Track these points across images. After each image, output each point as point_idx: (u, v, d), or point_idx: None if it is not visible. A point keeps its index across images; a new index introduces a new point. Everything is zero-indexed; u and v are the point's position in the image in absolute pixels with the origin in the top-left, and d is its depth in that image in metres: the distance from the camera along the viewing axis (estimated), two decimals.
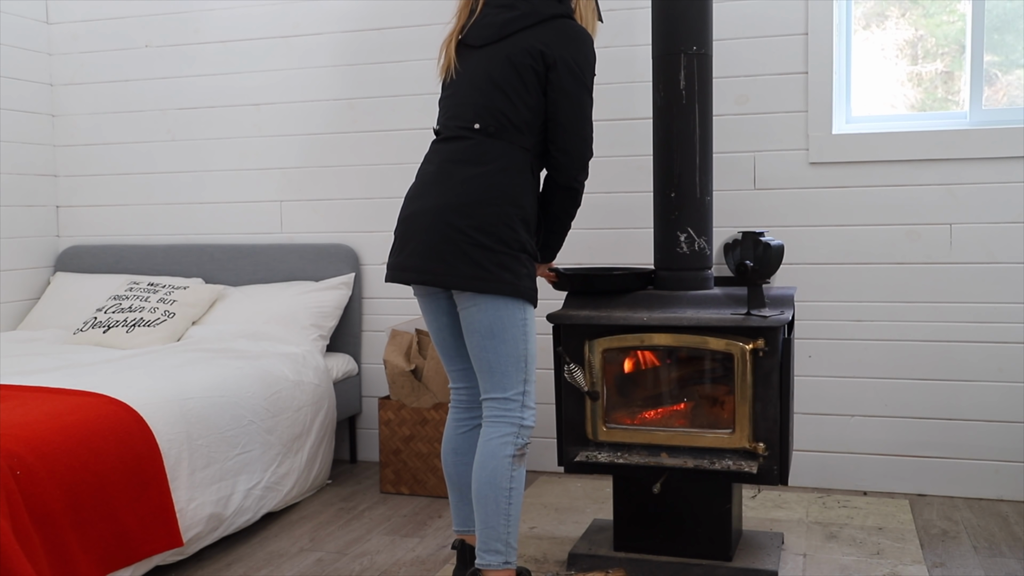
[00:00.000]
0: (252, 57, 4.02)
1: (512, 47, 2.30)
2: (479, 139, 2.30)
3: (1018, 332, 3.24)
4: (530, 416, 2.32)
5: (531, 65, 2.27)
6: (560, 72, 2.28)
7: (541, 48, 2.27)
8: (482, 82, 2.32)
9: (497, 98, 2.29)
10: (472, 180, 2.26)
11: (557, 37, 2.29)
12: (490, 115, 2.30)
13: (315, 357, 3.53)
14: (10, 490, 2.16)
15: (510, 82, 2.28)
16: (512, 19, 2.32)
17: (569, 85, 2.29)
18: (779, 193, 3.43)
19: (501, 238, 2.23)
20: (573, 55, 2.29)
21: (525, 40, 2.29)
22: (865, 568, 2.70)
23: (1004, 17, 3.32)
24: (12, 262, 4.13)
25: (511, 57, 2.29)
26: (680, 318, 2.52)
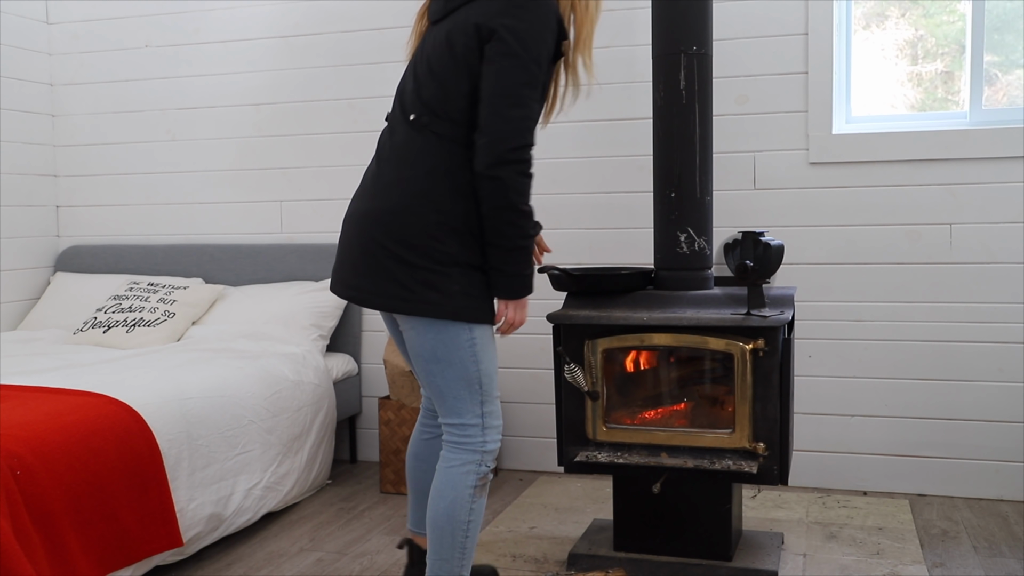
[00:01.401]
0: (252, 57, 4.02)
1: (452, 24, 2.04)
2: (411, 134, 2.07)
3: (1018, 332, 3.24)
4: (493, 439, 2.13)
5: (466, 43, 2.00)
6: (493, 42, 1.97)
7: (476, 21, 1.99)
8: (420, 66, 2.09)
9: (431, 85, 2.05)
10: (396, 184, 2.06)
11: (498, 5, 1.99)
12: (423, 105, 2.06)
13: (315, 357, 3.53)
14: (10, 490, 2.16)
15: (446, 66, 2.03)
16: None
17: (497, 55, 1.97)
18: (779, 193, 3.43)
19: (425, 252, 2.00)
20: (511, 23, 1.97)
21: (465, 14, 2.02)
22: (865, 568, 2.70)
23: (1004, 17, 3.32)
24: (12, 262, 4.13)
25: (449, 36, 2.03)
26: (680, 318, 2.52)
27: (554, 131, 3.65)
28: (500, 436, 2.17)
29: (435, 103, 2.05)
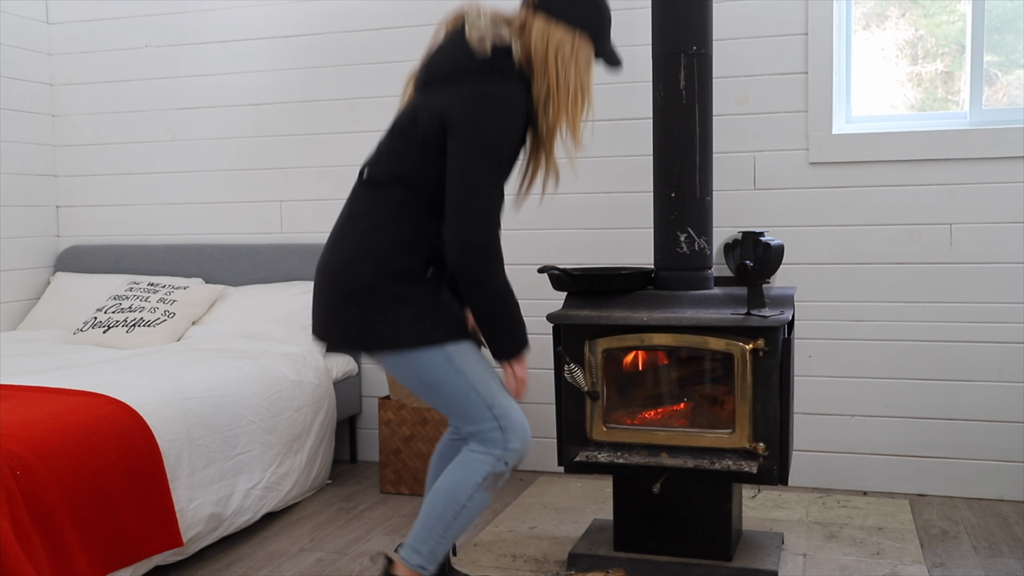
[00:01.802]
0: (252, 57, 4.02)
1: (424, 101, 2.11)
2: (362, 190, 2.17)
3: (1018, 332, 3.24)
4: (516, 437, 2.14)
5: (430, 125, 2.06)
6: (456, 132, 2.02)
7: (443, 108, 2.05)
8: (393, 129, 2.18)
9: (389, 149, 2.15)
10: (344, 238, 2.15)
11: (465, 96, 2.04)
12: (378, 165, 2.16)
13: (315, 357, 3.53)
14: (10, 490, 2.16)
15: (407, 137, 2.10)
16: (431, 68, 2.15)
17: (460, 145, 2.01)
18: (779, 193, 3.43)
19: (369, 297, 2.08)
20: (476, 116, 2.02)
21: (437, 97, 2.08)
22: (865, 568, 2.70)
23: (1004, 17, 3.32)
24: (12, 262, 4.13)
25: (417, 112, 2.10)
26: (680, 318, 2.52)
27: None
28: (526, 437, 2.17)
29: (389, 165, 2.13)
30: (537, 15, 2.11)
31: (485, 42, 2.07)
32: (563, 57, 2.10)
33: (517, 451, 2.16)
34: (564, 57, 2.10)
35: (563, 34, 2.10)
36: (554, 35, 2.10)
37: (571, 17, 2.10)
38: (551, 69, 2.09)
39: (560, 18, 2.10)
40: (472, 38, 2.08)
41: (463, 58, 2.09)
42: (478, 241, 2.02)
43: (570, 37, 2.11)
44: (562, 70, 2.10)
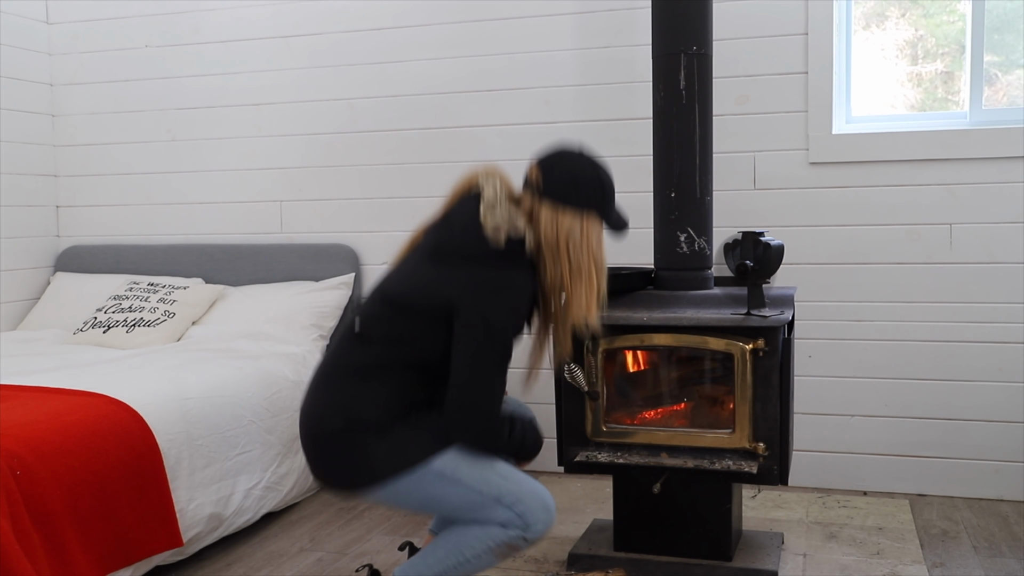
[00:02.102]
0: (252, 57, 4.02)
1: (431, 276, 2.08)
2: (356, 343, 2.12)
3: (1018, 332, 3.24)
4: (536, 519, 2.08)
5: (434, 306, 2.04)
6: (463, 321, 2.01)
7: (450, 294, 2.03)
8: (386, 288, 2.14)
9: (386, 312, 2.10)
10: (324, 388, 2.11)
11: (475, 284, 2.03)
12: (380, 324, 2.09)
13: (315, 357, 3.53)
14: (10, 490, 2.16)
15: (413, 306, 2.07)
16: (442, 245, 2.11)
17: (466, 335, 2.01)
18: (779, 193, 3.43)
19: (340, 444, 2.06)
20: (483, 307, 2.01)
21: (445, 277, 2.05)
22: (865, 568, 2.70)
23: (1004, 17, 3.32)
24: (12, 262, 4.13)
25: (423, 287, 2.08)
26: (680, 318, 2.52)
27: (554, 131, 3.65)
28: (548, 516, 2.10)
29: (385, 326, 2.09)
30: (544, 202, 2.11)
31: (500, 233, 2.05)
32: (575, 243, 2.10)
33: (539, 531, 2.10)
34: (575, 243, 2.10)
35: (571, 219, 2.10)
36: (563, 222, 2.09)
37: (578, 202, 2.10)
38: (563, 256, 2.10)
39: (567, 204, 2.10)
40: (487, 225, 2.06)
41: (476, 243, 2.06)
42: (482, 430, 2.06)
43: (579, 220, 2.10)
44: (575, 256, 2.10)
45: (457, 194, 2.20)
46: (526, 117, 3.68)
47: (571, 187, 2.11)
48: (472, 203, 2.12)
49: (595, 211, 2.13)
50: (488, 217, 2.06)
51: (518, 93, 3.69)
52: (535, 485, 2.13)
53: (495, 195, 2.10)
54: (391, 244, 3.88)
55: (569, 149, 2.18)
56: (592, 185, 2.13)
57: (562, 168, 2.13)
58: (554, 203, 2.10)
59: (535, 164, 2.17)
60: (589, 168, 2.15)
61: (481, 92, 3.73)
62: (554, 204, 2.10)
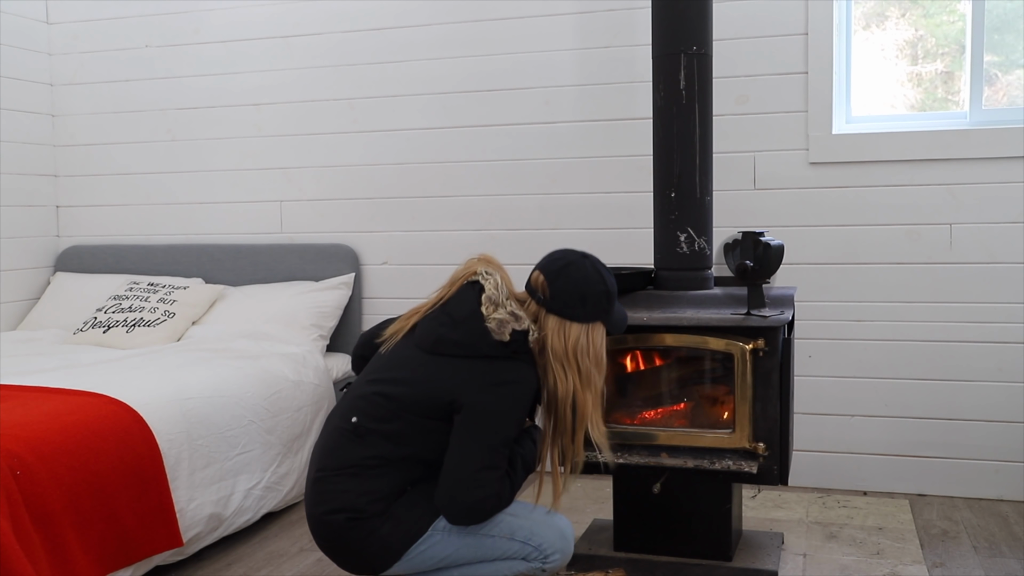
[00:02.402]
0: (252, 57, 4.02)
1: (428, 371, 2.07)
2: (351, 437, 2.10)
3: (1018, 332, 3.24)
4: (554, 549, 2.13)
5: (436, 407, 2.05)
6: (464, 416, 2.03)
7: (454, 398, 2.04)
8: (391, 383, 2.11)
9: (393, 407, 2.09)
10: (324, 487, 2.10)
11: (479, 379, 2.04)
12: (376, 419, 2.08)
13: (315, 357, 3.53)
14: (10, 490, 2.16)
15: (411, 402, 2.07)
16: (444, 340, 2.09)
17: (465, 432, 2.02)
18: (779, 193, 3.43)
19: (347, 536, 2.08)
20: (486, 403, 2.03)
21: (444, 372, 2.06)
22: (865, 568, 2.70)
23: (1004, 17, 3.32)
24: (12, 262, 4.13)
25: (423, 380, 2.07)
26: (680, 318, 2.52)
27: (554, 131, 3.65)
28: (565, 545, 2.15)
29: (381, 421, 2.08)
30: (549, 316, 2.12)
31: (505, 329, 2.05)
32: (582, 351, 2.11)
33: (558, 561, 2.14)
34: (583, 350, 2.11)
35: (578, 330, 2.12)
36: (571, 334, 2.11)
37: (584, 316, 2.13)
38: (572, 365, 2.11)
39: (576, 320, 2.12)
40: (491, 323, 2.06)
41: (480, 339, 2.06)
42: (473, 522, 2.07)
43: (585, 331, 2.13)
44: (583, 363, 2.12)
45: (454, 284, 2.18)
46: (526, 117, 3.68)
47: (578, 302, 2.12)
48: (472, 296, 2.12)
49: (600, 321, 2.16)
50: (490, 311, 2.07)
51: (518, 93, 3.69)
52: (551, 516, 2.15)
53: (497, 292, 2.10)
54: (391, 244, 3.88)
55: (574, 260, 2.16)
56: (599, 299, 2.14)
57: (568, 282, 2.13)
58: (561, 317, 2.11)
59: (540, 274, 2.16)
60: (596, 281, 2.15)
61: (481, 92, 3.73)
62: (561, 317, 2.11)
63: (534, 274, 2.18)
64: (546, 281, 2.14)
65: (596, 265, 2.18)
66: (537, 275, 2.17)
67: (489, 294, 2.09)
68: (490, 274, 2.14)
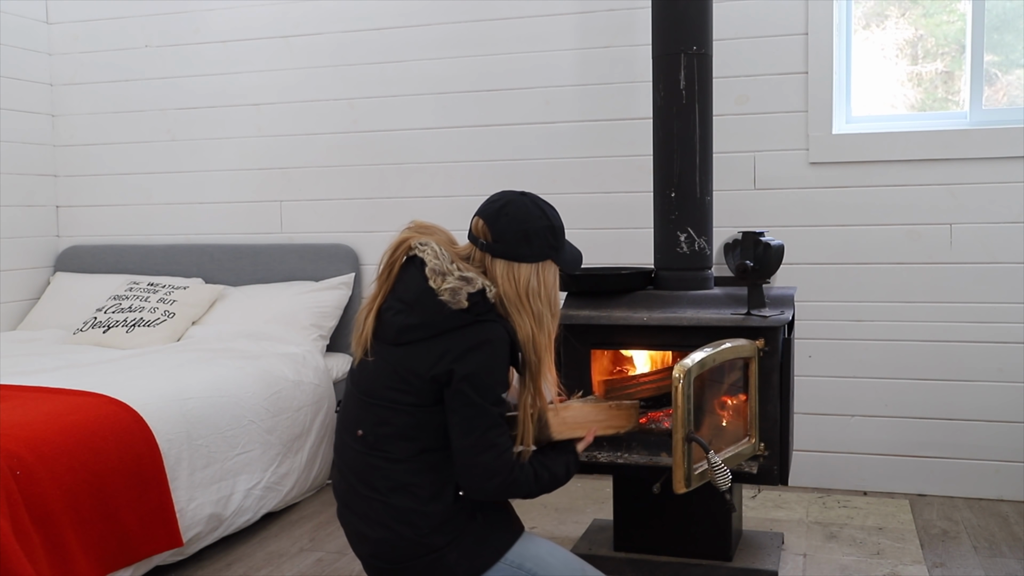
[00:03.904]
0: (252, 57, 4.02)
1: (403, 362, 1.99)
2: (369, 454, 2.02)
3: (1018, 332, 3.24)
4: None
5: (420, 388, 1.97)
6: (453, 391, 1.96)
7: (434, 373, 1.95)
8: (374, 386, 2.03)
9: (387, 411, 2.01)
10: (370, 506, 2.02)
11: (453, 352, 1.95)
12: (380, 425, 2.01)
13: (315, 357, 3.53)
14: (10, 490, 2.16)
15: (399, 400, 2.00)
16: (406, 327, 1.99)
17: (459, 405, 1.96)
18: (779, 193, 3.43)
19: (414, 561, 2.00)
20: (468, 370, 1.95)
21: (417, 356, 1.97)
22: (865, 568, 2.70)
23: (1004, 17, 3.32)
24: (12, 262, 4.13)
25: (400, 374, 1.98)
26: (680, 318, 2.52)
27: (554, 131, 3.65)
28: None
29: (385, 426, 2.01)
30: (496, 261, 2.03)
31: (460, 295, 1.95)
32: (533, 293, 2.03)
33: None
34: (534, 292, 2.03)
35: (527, 271, 2.03)
36: (521, 276, 2.02)
37: (531, 255, 2.03)
38: (526, 308, 2.02)
39: (523, 261, 2.03)
40: (444, 295, 1.95)
41: (439, 315, 1.96)
42: (497, 486, 2.00)
43: (535, 270, 2.04)
44: (535, 305, 2.03)
45: (392, 263, 2.07)
46: (526, 117, 3.68)
47: (523, 241, 2.02)
48: (416, 273, 2.01)
49: (549, 258, 2.07)
50: (438, 282, 1.96)
51: (518, 93, 3.69)
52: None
53: (439, 260, 1.99)
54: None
55: (512, 199, 2.07)
56: (543, 235, 2.05)
57: (509, 221, 2.03)
58: (507, 260, 2.02)
59: (480, 219, 2.06)
60: (537, 216, 2.05)
61: (481, 92, 3.73)
62: (507, 260, 2.02)
63: (473, 220, 2.08)
64: (486, 225, 2.04)
65: (536, 201, 2.08)
66: (476, 221, 2.07)
67: (432, 266, 1.98)
68: (424, 244, 2.02)
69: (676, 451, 2.23)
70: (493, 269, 2.03)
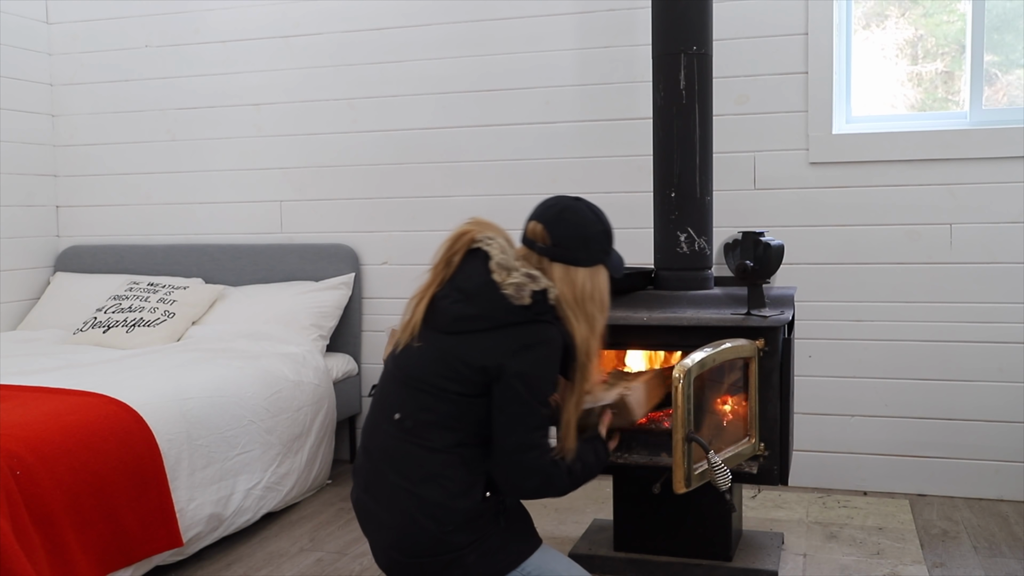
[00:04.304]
0: (252, 57, 4.02)
1: (454, 350, 2.01)
2: (397, 437, 2.04)
3: (1018, 332, 3.24)
4: None
5: (470, 378, 1.99)
6: (502, 386, 1.98)
7: (484, 364, 1.98)
8: (420, 372, 2.05)
9: (431, 397, 2.02)
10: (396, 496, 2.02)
11: (506, 348, 1.98)
12: (421, 412, 2.03)
13: (315, 357, 3.53)
14: (10, 490, 2.16)
15: (446, 388, 2.01)
16: (463, 317, 2.02)
17: (505, 401, 1.98)
18: (779, 193, 3.43)
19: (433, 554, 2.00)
20: (521, 368, 1.97)
21: (470, 346, 2.00)
22: (865, 568, 2.70)
23: (1004, 17, 3.32)
24: (12, 262, 4.13)
25: (449, 361, 2.01)
26: (680, 318, 2.52)
27: (554, 131, 3.65)
28: None
29: (427, 413, 2.02)
30: (554, 264, 2.07)
31: (524, 291, 1.99)
32: (588, 297, 2.08)
33: None
34: (588, 296, 2.08)
35: (583, 275, 2.08)
36: (577, 279, 2.08)
37: (587, 260, 2.09)
38: (581, 312, 2.07)
39: (580, 265, 2.08)
40: (508, 289, 1.99)
41: (499, 308, 2.00)
42: (536, 487, 2.03)
43: (589, 275, 2.10)
44: (589, 308, 2.09)
45: (452, 254, 2.09)
46: (526, 117, 3.68)
47: (581, 246, 2.08)
48: (479, 265, 2.04)
49: (602, 263, 2.13)
50: (505, 278, 2.00)
51: (518, 93, 3.69)
52: None
53: (505, 255, 2.03)
54: (391, 244, 3.88)
55: (569, 204, 2.12)
56: (600, 239, 2.12)
57: (568, 226, 2.09)
58: (565, 263, 2.07)
59: (538, 223, 2.10)
60: (594, 221, 2.12)
61: (481, 92, 3.73)
62: (565, 264, 2.07)
63: (530, 224, 2.12)
64: (545, 229, 2.08)
65: (591, 206, 2.15)
66: (534, 225, 2.11)
67: (498, 260, 2.02)
68: (492, 238, 2.06)
69: (676, 451, 2.25)
70: (551, 272, 2.07)
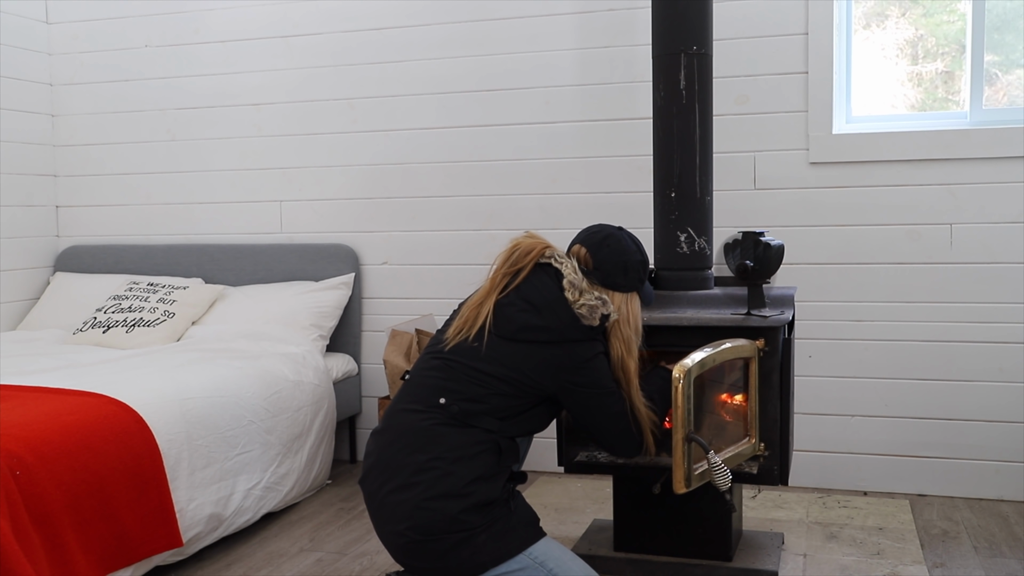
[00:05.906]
0: (252, 57, 4.02)
1: (512, 357, 2.16)
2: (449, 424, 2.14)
3: (1018, 332, 3.24)
4: None
5: (538, 384, 2.17)
6: (575, 394, 2.20)
7: (547, 381, 2.17)
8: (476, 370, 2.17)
9: (478, 390, 2.15)
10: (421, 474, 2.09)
11: (569, 363, 2.18)
12: (460, 394, 2.15)
13: (315, 357, 3.53)
14: (10, 490, 2.16)
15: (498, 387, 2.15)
16: (529, 327, 2.17)
17: (585, 399, 2.21)
18: (779, 193, 3.43)
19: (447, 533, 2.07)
20: (582, 379, 2.19)
21: (528, 356, 2.16)
22: (865, 568, 2.70)
23: (1004, 17, 3.32)
24: (12, 262, 4.13)
25: (508, 366, 2.16)
26: (680, 318, 2.52)
27: (554, 131, 3.65)
28: None
29: (481, 402, 2.15)
30: (594, 285, 2.25)
31: (596, 312, 2.18)
32: (623, 320, 2.27)
33: None
34: (624, 319, 2.27)
35: (620, 299, 2.27)
36: (614, 303, 2.26)
37: (625, 287, 2.28)
38: (618, 333, 2.27)
39: (617, 290, 2.27)
40: (582, 308, 2.17)
41: (569, 325, 2.18)
42: (641, 444, 2.31)
43: (625, 300, 2.29)
44: (625, 331, 2.28)
45: (520, 266, 2.23)
46: (526, 117, 3.68)
47: (621, 272, 2.27)
48: (549, 281, 2.21)
49: (636, 290, 2.31)
50: (577, 298, 2.18)
51: (518, 93, 3.69)
52: None
53: (578, 277, 2.21)
54: (391, 244, 3.88)
55: (612, 233, 2.31)
56: (637, 268, 2.29)
57: (611, 253, 2.27)
58: (604, 287, 2.25)
59: (582, 247, 2.30)
60: (634, 251, 2.30)
61: (481, 92, 3.73)
62: (604, 288, 2.25)
63: (575, 247, 2.31)
64: (589, 254, 2.28)
65: (631, 236, 2.34)
66: (579, 248, 2.30)
67: (571, 279, 2.19)
68: (563, 258, 2.24)
69: (676, 451, 2.25)
70: None
